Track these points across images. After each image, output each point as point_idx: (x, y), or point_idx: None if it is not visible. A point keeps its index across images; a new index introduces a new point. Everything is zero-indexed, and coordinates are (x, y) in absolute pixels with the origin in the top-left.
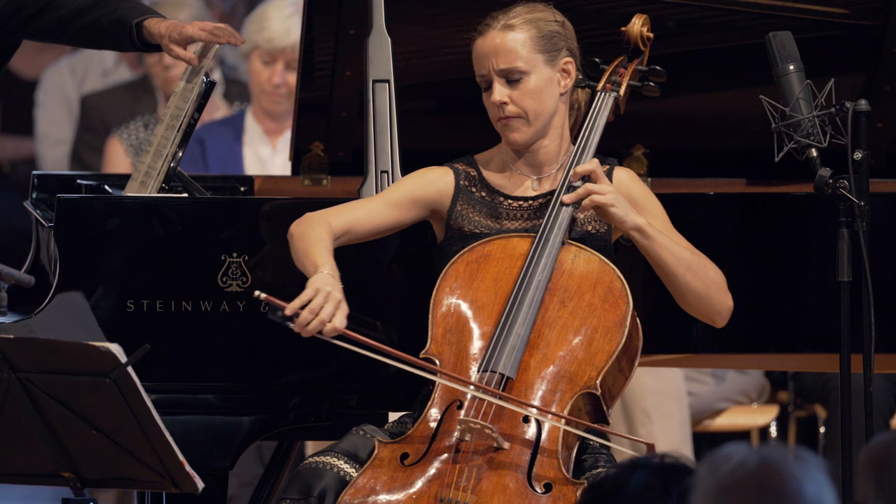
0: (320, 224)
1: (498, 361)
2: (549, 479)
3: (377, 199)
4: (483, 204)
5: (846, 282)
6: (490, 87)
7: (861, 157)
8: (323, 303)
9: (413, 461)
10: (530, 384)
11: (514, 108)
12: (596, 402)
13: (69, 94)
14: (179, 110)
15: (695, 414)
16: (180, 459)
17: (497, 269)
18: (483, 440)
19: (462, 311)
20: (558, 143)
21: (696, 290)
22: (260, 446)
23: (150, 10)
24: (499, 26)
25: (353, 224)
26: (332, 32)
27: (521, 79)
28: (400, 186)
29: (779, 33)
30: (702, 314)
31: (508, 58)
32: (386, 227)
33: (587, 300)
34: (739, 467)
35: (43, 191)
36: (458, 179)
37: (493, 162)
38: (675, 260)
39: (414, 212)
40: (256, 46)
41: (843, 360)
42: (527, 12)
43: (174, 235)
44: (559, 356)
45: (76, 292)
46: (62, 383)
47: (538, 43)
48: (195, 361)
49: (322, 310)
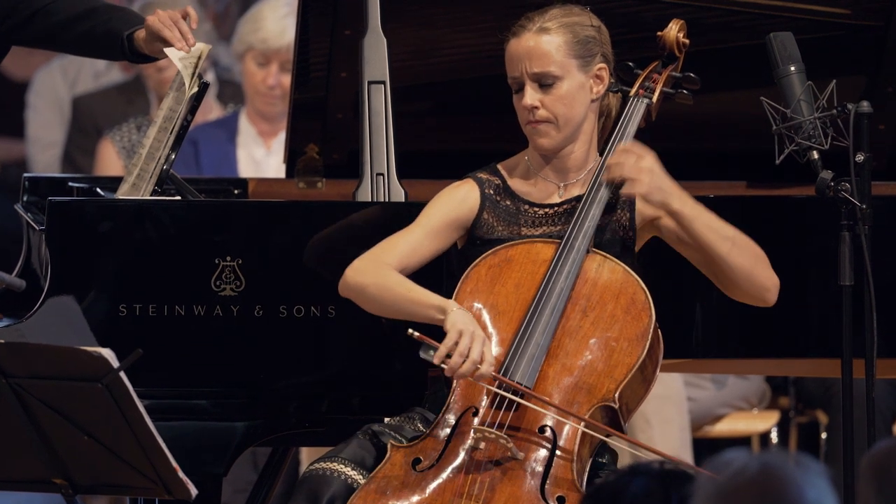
0: (388, 268)
1: (516, 370)
2: (563, 492)
3: (416, 232)
4: (507, 212)
5: (848, 286)
6: (521, 90)
7: (863, 159)
8: (469, 343)
9: (425, 467)
10: (548, 394)
11: (544, 112)
12: (613, 415)
13: (61, 96)
14: (172, 112)
15: (695, 419)
16: (173, 466)
17: (519, 274)
18: (497, 449)
19: (482, 315)
20: (586, 150)
21: (744, 269)
22: (254, 452)
23: (141, 18)
24: (534, 28)
25: (403, 263)
26: (327, 33)
27: (554, 83)
28: (434, 213)
29: (780, 34)
30: (750, 294)
31: (542, 61)
32: (430, 257)
33: (609, 311)
34: (740, 474)
35: (34, 194)
36: (483, 190)
37: (518, 169)
38: (717, 236)
39: (453, 235)
40: (251, 47)
41: (845, 365)
42: (563, 15)
43: (167, 239)
44: (578, 367)
45: (68, 296)
46: (54, 389)
47: (573, 48)
48: (188, 366)
49: (471, 351)
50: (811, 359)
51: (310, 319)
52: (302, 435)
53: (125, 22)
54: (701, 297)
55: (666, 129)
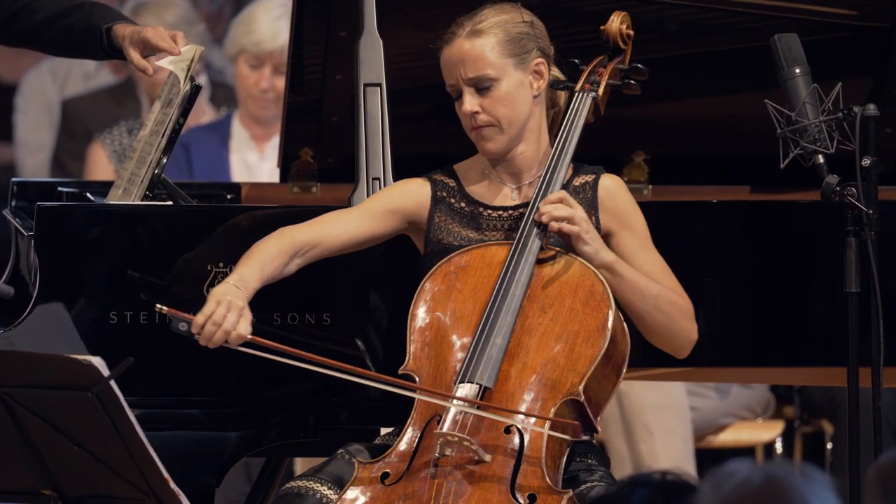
0: (278, 238)
1: (475, 372)
2: (534, 489)
3: (352, 212)
4: (463, 215)
5: (854, 293)
6: (460, 97)
7: (869, 163)
8: (225, 313)
9: (394, 480)
10: (511, 393)
11: (485, 116)
12: (581, 409)
13: (50, 99)
14: (164, 115)
15: (698, 429)
16: (165, 476)
17: (476, 279)
18: (464, 454)
19: (440, 323)
20: (536, 148)
21: (662, 327)
22: (247, 463)
23: (123, 16)
24: (465, 33)
25: (323, 237)
26: (322, 35)
27: (492, 86)
28: (376, 198)
29: (784, 35)
30: (665, 348)
31: (476, 65)
32: (361, 239)
33: (568, 305)
34: (744, 484)
35: (22, 198)
36: (436, 191)
37: (473, 171)
38: (642, 298)
39: (390, 223)
40: (243, 50)
41: (851, 373)
42: (493, 15)
43: (158, 245)
44: (540, 364)
45: (57, 303)
46: (43, 397)
47: (506, 47)
48: (180, 375)
49: (225, 319)
50: (816, 367)
51: (304, 327)
52: (296, 445)
53: (105, 17)
54: (704, 304)
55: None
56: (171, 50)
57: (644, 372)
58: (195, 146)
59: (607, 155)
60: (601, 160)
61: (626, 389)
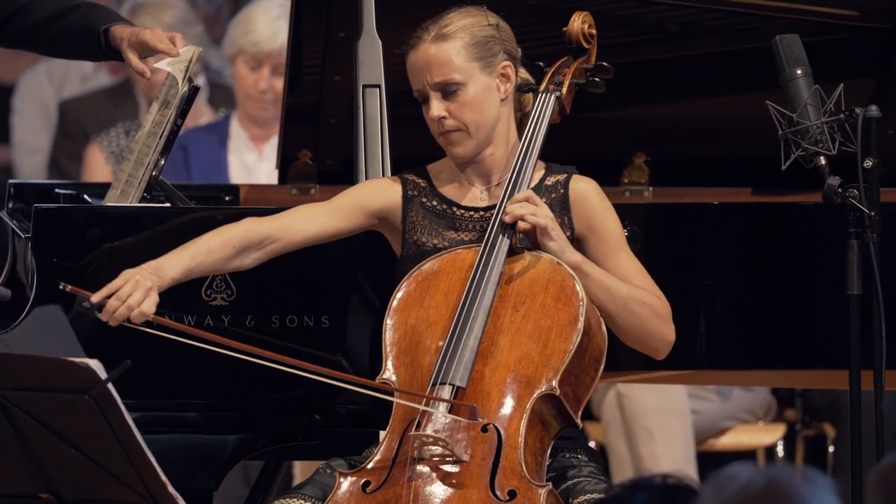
0: (230, 229)
1: (448, 373)
2: (513, 485)
3: (319, 206)
4: (436, 214)
5: (856, 295)
6: (427, 101)
7: (871, 165)
8: (132, 290)
9: (375, 488)
10: (486, 393)
11: (453, 121)
12: (559, 404)
13: (47, 100)
14: (162, 116)
15: (699, 432)
16: (163, 480)
17: (447, 283)
18: (443, 456)
19: (414, 330)
20: (505, 150)
21: (633, 327)
22: (245, 466)
23: (120, 17)
24: (430, 38)
25: (286, 230)
26: (321, 35)
27: (458, 90)
28: (345, 195)
29: (786, 36)
30: (639, 348)
31: (443, 70)
32: (326, 234)
33: (540, 301)
34: (745, 488)
35: (19, 200)
36: (406, 189)
37: (445, 172)
38: (611, 298)
39: (357, 220)
40: (242, 50)
41: (853, 376)
42: (458, 19)
43: (156, 247)
44: (514, 361)
45: (54, 306)
46: (40, 400)
47: (472, 51)
48: (178, 378)
49: (130, 297)
50: (818, 370)
51: (303, 329)
52: (295, 448)
53: (102, 18)
54: (704, 306)
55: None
56: (170, 52)
57: (645, 375)
58: (193, 147)
59: (607, 156)
60: (601, 161)
61: (627, 392)
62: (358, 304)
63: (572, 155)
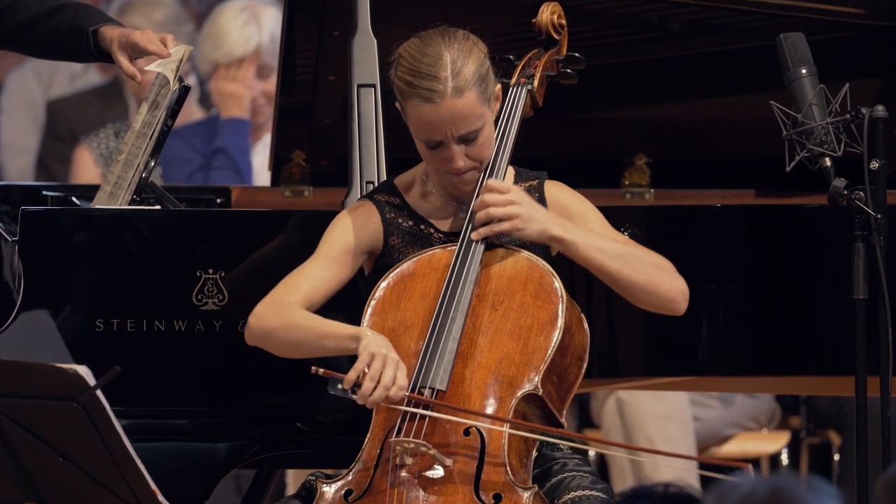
0: (291, 307)
1: (427, 376)
2: (498, 488)
3: (316, 266)
4: (413, 235)
5: (862, 299)
6: (438, 147)
7: (878, 166)
8: (381, 367)
9: (357, 496)
10: (467, 395)
11: (471, 163)
12: (542, 404)
13: (34, 100)
14: (152, 117)
15: (701, 440)
16: (152, 489)
17: (423, 285)
18: (425, 461)
19: (392, 333)
20: None
21: (640, 283)
22: (237, 475)
23: (109, 17)
24: (449, 92)
25: (307, 299)
26: (315, 34)
27: (478, 133)
28: (334, 243)
29: (790, 35)
30: (656, 307)
31: (468, 121)
32: (336, 287)
33: (519, 300)
34: (749, 497)
35: (6, 202)
36: (384, 213)
37: (416, 186)
38: (605, 256)
39: (356, 262)
40: (217, 63)
41: (859, 382)
42: (466, 63)
43: (146, 250)
44: (495, 362)
45: (42, 310)
46: (27, 407)
47: (483, 93)
48: (168, 384)
49: (382, 375)
50: (823, 376)
51: None
52: (287, 456)
53: (91, 19)
54: (707, 310)
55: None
56: (161, 53)
57: (645, 381)
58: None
59: (608, 158)
60: (602, 163)
61: (628, 399)
62: (342, 308)
63: (571, 157)
